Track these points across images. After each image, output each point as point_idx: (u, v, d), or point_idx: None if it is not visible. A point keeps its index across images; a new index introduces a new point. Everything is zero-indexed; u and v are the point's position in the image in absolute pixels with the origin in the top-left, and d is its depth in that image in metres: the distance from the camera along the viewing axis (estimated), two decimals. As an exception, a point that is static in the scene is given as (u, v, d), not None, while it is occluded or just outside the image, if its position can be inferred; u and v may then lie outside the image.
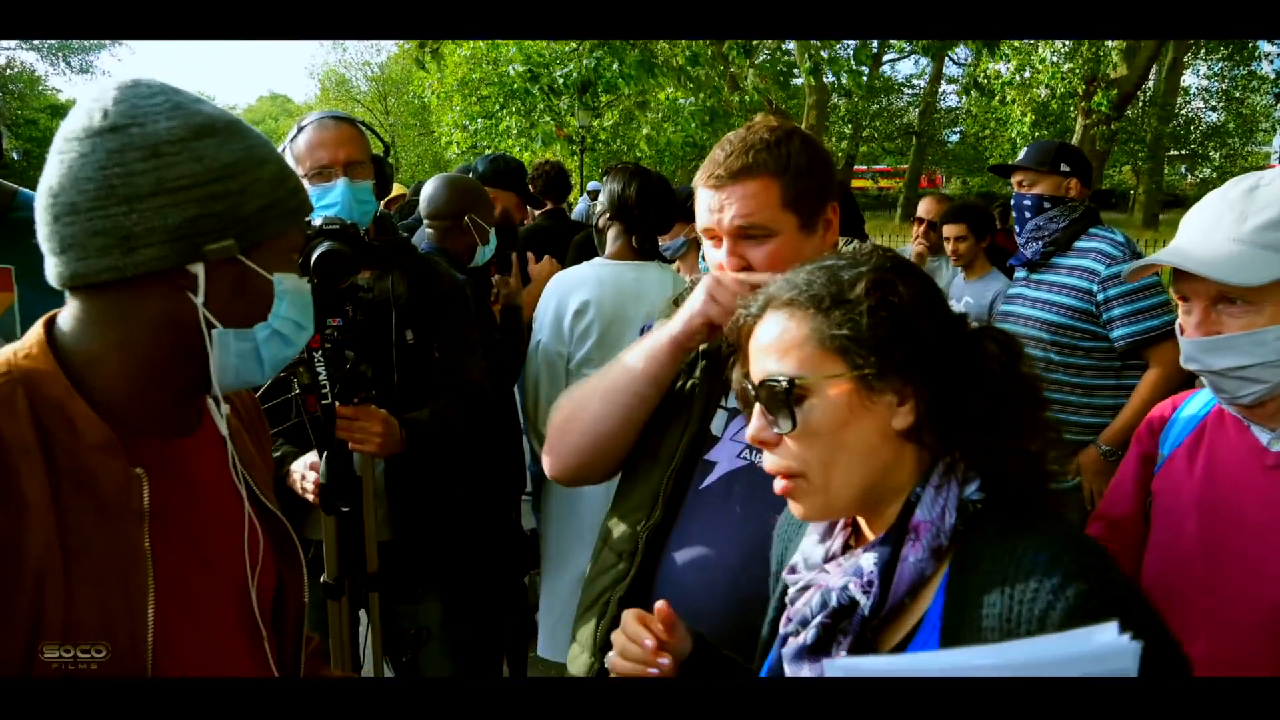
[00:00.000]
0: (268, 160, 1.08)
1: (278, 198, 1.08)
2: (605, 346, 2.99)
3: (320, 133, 2.21)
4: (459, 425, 2.30)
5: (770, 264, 1.50)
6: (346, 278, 1.97)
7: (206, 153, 1.02)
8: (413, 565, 2.33)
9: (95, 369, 1.05)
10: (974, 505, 1.02)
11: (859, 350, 1.02)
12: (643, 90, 13.88)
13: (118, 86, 1.05)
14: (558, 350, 3.06)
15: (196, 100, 1.07)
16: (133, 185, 0.99)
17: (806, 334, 1.05)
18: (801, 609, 1.10)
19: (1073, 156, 3.30)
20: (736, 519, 1.52)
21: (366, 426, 2.03)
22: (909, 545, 1.02)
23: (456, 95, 16.67)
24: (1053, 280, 3.12)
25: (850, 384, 1.03)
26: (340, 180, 2.17)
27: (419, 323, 2.29)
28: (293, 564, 1.31)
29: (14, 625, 0.96)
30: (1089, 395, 3.05)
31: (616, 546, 1.67)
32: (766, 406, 1.06)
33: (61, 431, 1.01)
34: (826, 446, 1.04)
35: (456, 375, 2.34)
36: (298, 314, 1.14)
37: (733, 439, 1.59)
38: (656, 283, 3.04)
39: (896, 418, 1.04)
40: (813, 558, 1.15)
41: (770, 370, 1.06)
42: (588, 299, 2.99)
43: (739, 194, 1.50)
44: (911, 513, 1.03)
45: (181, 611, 1.08)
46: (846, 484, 1.05)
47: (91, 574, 1.00)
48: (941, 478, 1.03)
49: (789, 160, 1.51)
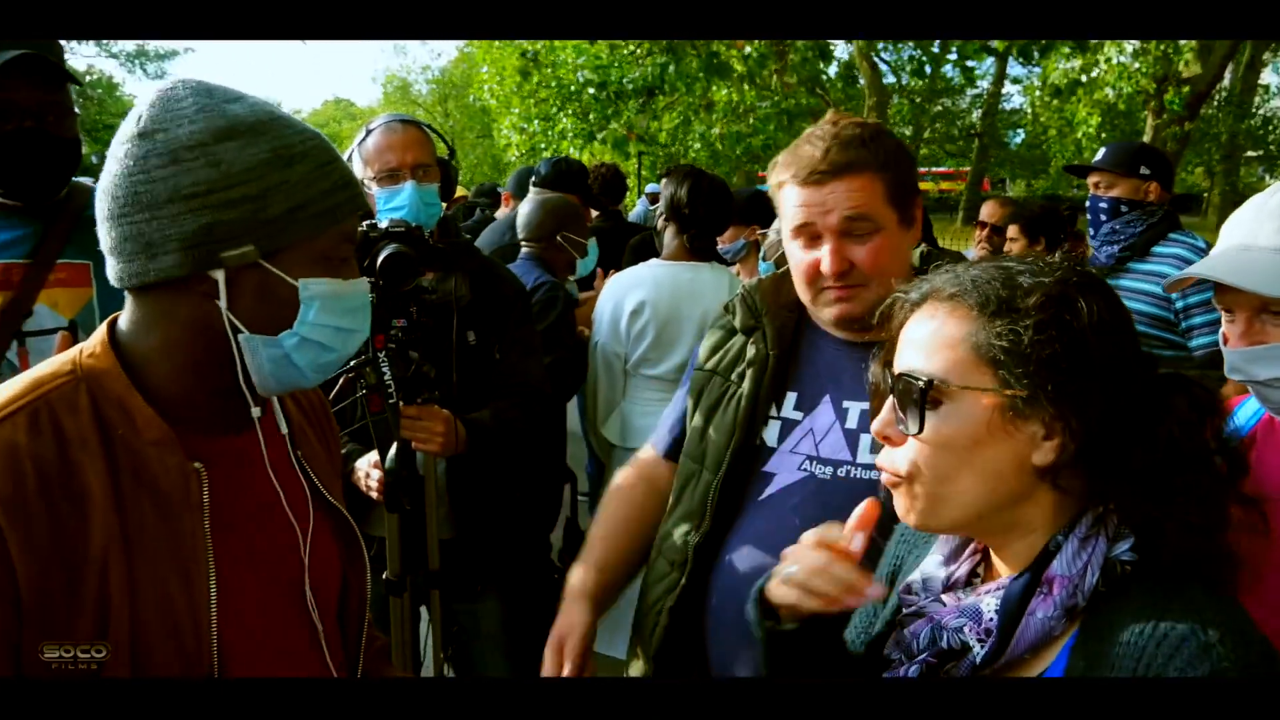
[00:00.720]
0: (297, 160, 1.04)
1: (307, 199, 1.04)
2: (661, 346, 3.03)
3: (388, 136, 2.24)
4: (519, 426, 2.32)
5: (875, 261, 1.46)
6: (411, 279, 1.99)
7: (225, 157, 1.00)
8: (472, 564, 2.35)
9: (150, 367, 1.07)
10: (1124, 566, 0.91)
11: (1015, 368, 0.91)
12: (705, 92, 13.86)
13: (157, 90, 1.05)
14: (615, 351, 3.10)
15: (230, 99, 1.04)
16: (153, 193, 0.99)
17: (962, 336, 0.95)
18: (909, 639, 1.01)
19: (1153, 159, 3.18)
20: (796, 532, 1.51)
21: (429, 426, 2.05)
22: (1040, 599, 0.92)
23: (515, 98, 16.84)
24: (1128, 286, 3.01)
25: (996, 401, 0.92)
26: (408, 183, 2.20)
27: (481, 324, 2.31)
28: (356, 560, 1.32)
29: (82, 617, 0.98)
30: None
31: (669, 555, 1.67)
32: (900, 401, 0.98)
33: (122, 427, 1.03)
34: (951, 461, 0.94)
35: (517, 377, 2.35)
36: (335, 319, 1.09)
37: (792, 451, 1.57)
38: (711, 283, 3.06)
39: (1038, 452, 0.93)
40: (933, 580, 1.06)
41: (913, 365, 0.97)
42: (644, 299, 3.03)
43: (844, 189, 1.45)
44: (1049, 562, 0.93)
45: (243, 606, 1.09)
46: (960, 504, 0.95)
47: (154, 567, 1.02)
48: (1089, 530, 0.93)
49: (885, 155, 1.48)
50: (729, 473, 1.59)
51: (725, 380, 1.67)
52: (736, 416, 1.61)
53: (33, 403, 1.00)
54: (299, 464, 1.24)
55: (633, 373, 3.11)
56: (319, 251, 1.07)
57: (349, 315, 1.11)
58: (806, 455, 1.55)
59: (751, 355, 1.63)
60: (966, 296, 0.96)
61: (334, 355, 1.12)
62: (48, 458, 0.98)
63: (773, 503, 1.56)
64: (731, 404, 1.63)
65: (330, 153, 1.08)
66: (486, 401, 2.27)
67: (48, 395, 1.01)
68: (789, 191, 1.51)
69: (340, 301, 1.09)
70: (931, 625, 0.99)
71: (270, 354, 1.06)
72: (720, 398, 1.66)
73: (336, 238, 1.08)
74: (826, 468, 1.54)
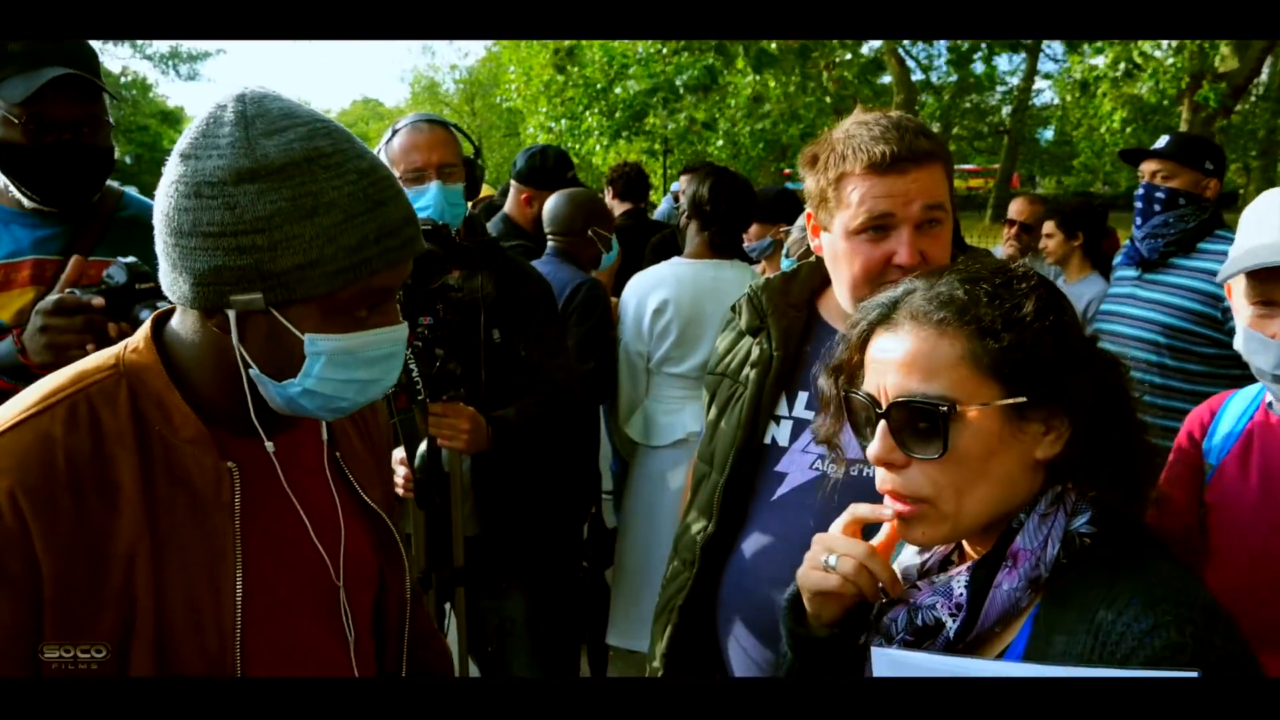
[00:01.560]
0: (320, 212, 0.97)
1: (321, 256, 0.97)
2: (684, 344, 3.04)
3: (414, 136, 2.26)
4: (544, 424, 2.33)
5: (944, 252, 1.44)
6: (438, 277, 2.01)
7: (242, 201, 0.96)
8: (498, 560, 2.37)
9: (190, 369, 1.08)
10: (1082, 539, 0.96)
11: (1018, 375, 0.96)
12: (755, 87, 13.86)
13: (212, 105, 1.02)
14: (638, 350, 3.10)
15: (271, 131, 0.98)
16: (178, 220, 0.98)
17: (960, 355, 0.97)
18: (887, 623, 1.06)
19: (1217, 154, 3.07)
20: (809, 531, 1.51)
21: (455, 424, 2.07)
22: (1005, 573, 0.97)
23: (542, 97, 16.89)
24: (1172, 282, 2.95)
25: (1004, 411, 0.96)
26: (433, 183, 2.22)
27: (506, 322, 2.33)
28: (394, 561, 1.31)
29: (105, 612, 0.98)
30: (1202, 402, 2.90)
31: (682, 555, 1.69)
32: (907, 424, 0.98)
33: (159, 424, 1.04)
34: (968, 475, 0.97)
35: (543, 374, 2.37)
36: (346, 373, 1.04)
37: (804, 450, 1.57)
38: (735, 281, 3.05)
39: (1040, 447, 0.99)
40: (909, 569, 1.11)
41: (912, 390, 0.98)
42: (666, 298, 3.03)
43: (926, 178, 1.41)
44: (1012, 539, 0.98)
45: (269, 608, 1.09)
46: (979, 513, 0.99)
47: (181, 566, 1.02)
48: (1049, 506, 0.98)
49: (943, 147, 1.47)
50: (734, 474, 1.60)
51: (734, 382, 1.67)
52: (741, 417, 1.61)
53: (73, 395, 1.02)
54: (341, 469, 1.23)
55: (656, 371, 3.11)
56: (339, 304, 1.01)
57: (366, 367, 1.06)
58: (819, 454, 1.54)
59: (756, 356, 1.63)
60: (957, 317, 0.99)
61: (346, 403, 1.08)
62: (82, 451, 0.99)
63: (785, 502, 1.56)
64: (738, 405, 1.64)
65: (368, 201, 1.00)
66: (512, 399, 2.28)
67: (88, 389, 1.03)
68: (855, 182, 1.42)
69: (354, 356, 1.04)
70: (907, 608, 1.03)
71: (279, 393, 1.05)
72: (729, 399, 1.67)
73: (360, 292, 1.01)
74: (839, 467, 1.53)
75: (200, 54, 32.42)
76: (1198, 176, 2.97)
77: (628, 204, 4.92)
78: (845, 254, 1.46)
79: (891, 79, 20.68)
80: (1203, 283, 2.88)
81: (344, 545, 1.20)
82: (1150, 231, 3.01)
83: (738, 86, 14.61)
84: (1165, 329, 2.92)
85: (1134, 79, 14.18)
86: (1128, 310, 3.06)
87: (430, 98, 42.91)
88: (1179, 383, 2.91)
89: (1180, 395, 2.90)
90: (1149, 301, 3.00)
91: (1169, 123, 16.48)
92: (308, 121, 1.00)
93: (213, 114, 1.00)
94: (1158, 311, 2.96)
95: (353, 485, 1.24)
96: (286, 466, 1.14)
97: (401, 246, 1.03)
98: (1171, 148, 3.03)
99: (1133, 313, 3.03)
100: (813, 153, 1.51)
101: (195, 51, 32.16)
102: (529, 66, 17.29)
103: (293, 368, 1.03)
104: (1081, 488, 0.98)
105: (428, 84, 44.51)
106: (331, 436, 1.24)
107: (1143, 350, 2.98)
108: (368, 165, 1.02)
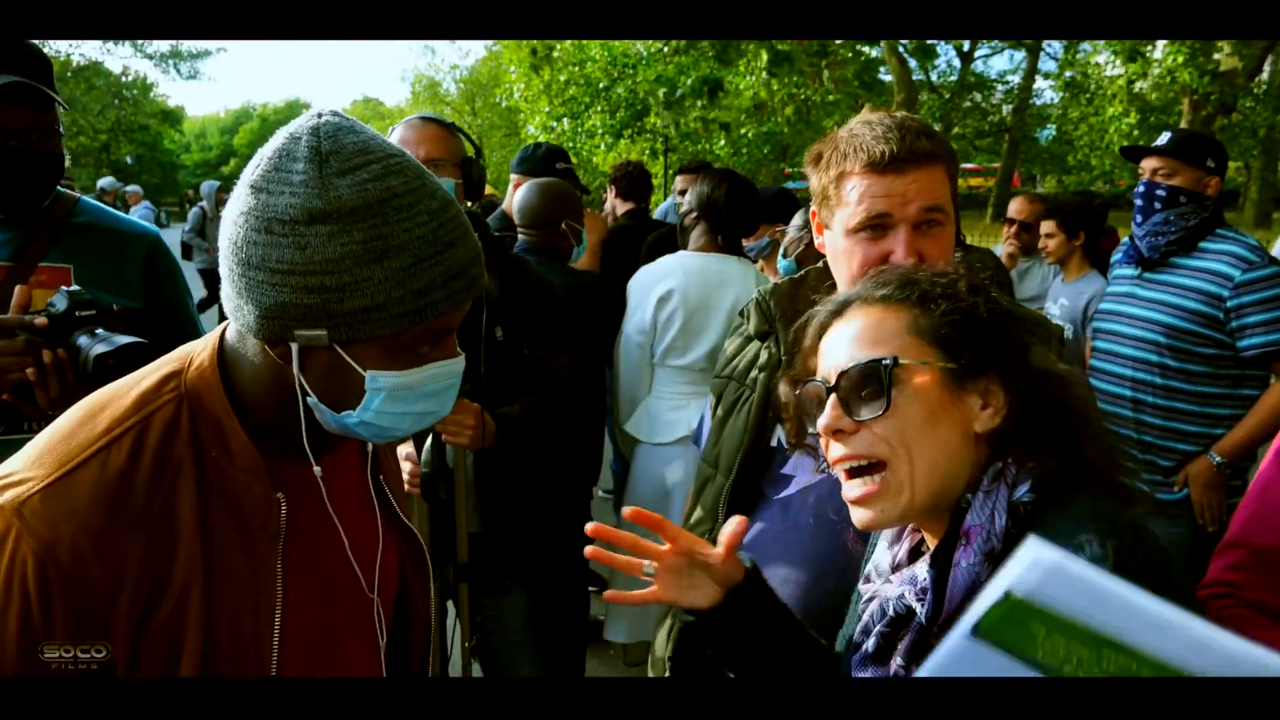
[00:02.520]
0: (391, 255, 0.96)
1: (389, 299, 0.96)
2: (689, 334, 3.05)
3: (404, 132, 2.28)
4: (548, 420, 2.34)
5: (944, 255, 1.42)
6: None
7: (312, 242, 0.94)
8: (500, 557, 2.38)
9: (247, 392, 1.07)
10: (1024, 506, 1.01)
11: (955, 343, 1.04)
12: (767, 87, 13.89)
13: (284, 135, 1.00)
14: (640, 341, 3.10)
15: (345, 170, 0.96)
16: (247, 252, 0.98)
17: (905, 325, 1.06)
18: (866, 619, 1.11)
19: (1219, 152, 3.01)
20: (810, 532, 1.51)
21: (459, 420, 2.07)
22: (961, 550, 1.01)
23: (544, 97, 16.90)
24: (1172, 281, 2.92)
25: (942, 375, 1.04)
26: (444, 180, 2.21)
27: (508, 320, 2.33)
28: (420, 570, 1.32)
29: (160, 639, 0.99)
30: (1205, 404, 2.86)
31: None
32: (854, 389, 1.05)
33: (215, 450, 1.03)
34: (914, 433, 1.03)
35: (546, 372, 2.38)
36: (404, 407, 1.04)
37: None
38: (739, 276, 3.08)
39: (978, 420, 1.05)
40: (881, 566, 1.16)
41: (859, 357, 1.06)
42: (672, 287, 3.04)
43: (925, 179, 1.40)
44: (963, 518, 1.03)
45: (304, 626, 1.10)
46: (928, 483, 1.04)
47: (228, 594, 1.02)
48: (991, 482, 1.03)
49: (947, 148, 1.46)
50: (740, 476, 1.61)
51: (740, 385, 1.68)
52: (748, 421, 1.62)
53: (138, 425, 1.01)
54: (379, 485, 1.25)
55: (659, 363, 3.11)
56: (403, 344, 1.01)
57: (423, 400, 1.06)
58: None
59: (764, 360, 1.63)
60: (901, 294, 1.09)
61: (398, 433, 1.09)
62: (148, 485, 0.99)
63: (789, 504, 1.57)
64: (744, 409, 1.64)
65: (438, 244, 0.99)
66: (514, 397, 2.29)
67: (152, 416, 1.02)
68: (854, 181, 1.42)
69: (414, 390, 1.04)
70: (881, 601, 1.09)
71: (335, 420, 1.05)
72: (735, 402, 1.68)
73: (425, 333, 1.01)
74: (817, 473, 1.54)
75: (201, 53, 32.44)
76: (1199, 174, 2.92)
77: (631, 203, 4.91)
78: (845, 252, 1.47)
79: (892, 78, 20.69)
80: (1204, 282, 2.85)
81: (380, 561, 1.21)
82: (1150, 230, 2.97)
83: (739, 88, 14.62)
84: (1167, 329, 2.90)
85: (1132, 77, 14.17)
86: (1127, 309, 3.03)
87: (431, 97, 42.94)
88: (1180, 383, 2.89)
89: (1181, 396, 2.88)
90: (1149, 301, 2.97)
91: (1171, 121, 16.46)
92: (382, 159, 0.99)
93: (285, 147, 0.98)
94: (1159, 311, 2.93)
95: (390, 503, 1.26)
96: (330, 486, 1.14)
97: (467, 288, 1.03)
98: (1173, 145, 2.98)
99: (1133, 312, 3.01)
100: (818, 150, 1.51)
101: (196, 50, 32.15)
102: (530, 66, 17.30)
103: (351, 401, 1.03)
104: (1021, 460, 1.03)
105: (429, 84, 44.55)
106: (374, 456, 1.25)
107: (1143, 350, 2.96)
108: (438, 205, 1.01)
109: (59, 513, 0.95)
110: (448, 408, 1.11)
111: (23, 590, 0.93)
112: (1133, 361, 3.00)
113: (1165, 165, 2.95)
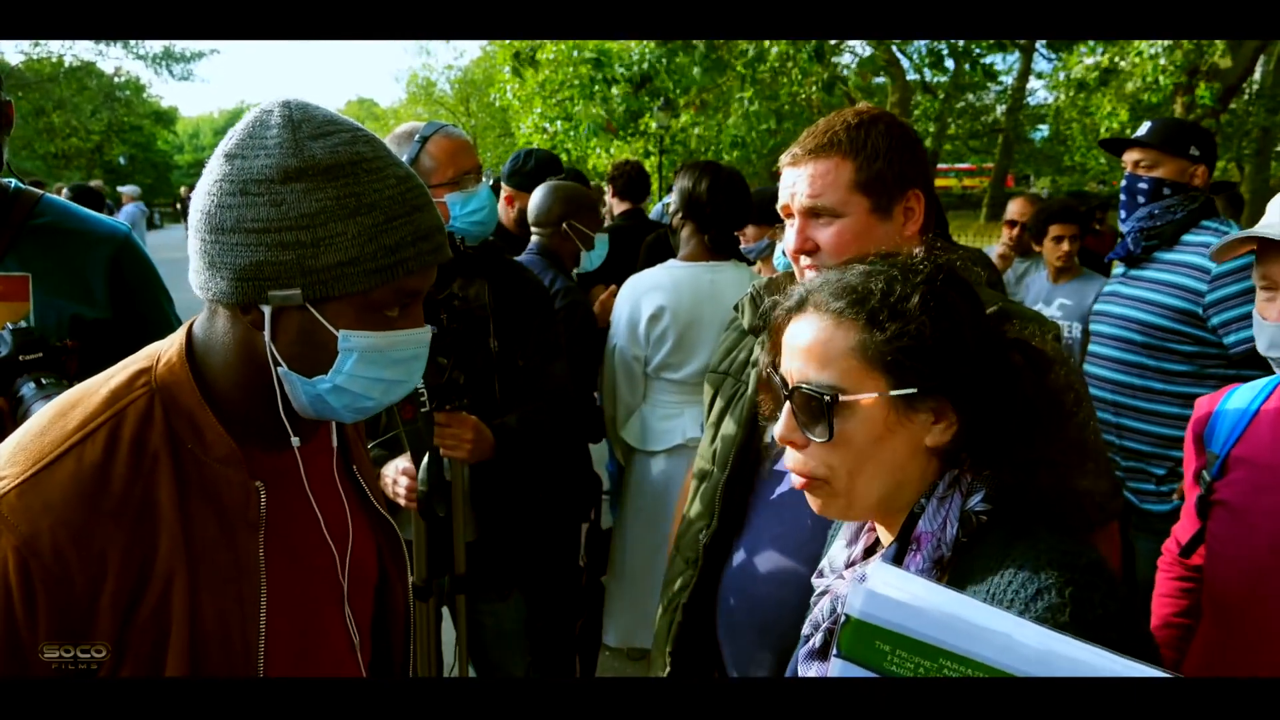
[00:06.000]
0: (362, 212, 1.00)
1: (361, 254, 1.00)
2: (683, 351, 2.98)
3: (457, 140, 2.21)
4: (547, 430, 2.32)
5: (835, 246, 1.48)
6: (444, 286, 1.99)
7: (288, 198, 0.98)
8: (496, 565, 2.36)
9: (218, 380, 1.08)
10: (978, 517, 1.01)
11: (904, 367, 1.02)
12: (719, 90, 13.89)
13: (258, 109, 1.04)
14: (634, 354, 3.05)
15: (317, 135, 1.01)
16: (220, 217, 1.00)
17: (852, 346, 1.04)
18: (816, 614, 1.13)
19: (1204, 139, 2.88)
20: (807, 529, 1.52)
21: (458, 433, 2.06)
22: (911, 555, 1.03)
23: (537, 98, 16.88)
24: (1153, 277, 2.80)
25: (889, 401, 1.03)
26: (484, 186, 2.20)
27: (504, 329, 2.31)
28: (397, 558, 1.33)
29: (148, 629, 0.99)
30: (1187, 406, 2.82)
31: (685, 553, 1.70)
32: (800, 410, 1.06)
33: (190, 442, 1.04)
34: (857, 458, 1.04)
35: (543, 380, 2.35)
36: (375, 371, 1.06)
37: None
38: (734, 283, 2.97)
39: (930, 435, 1.04)
40: (836, 562, 1.17)
41: (809, 377, 1.06)
42: (663, 304, 2.95)
43: (811, 173, 1.49)
44: (915, 524, 1.04)
45: (287, 619, 1.11)
46: (869, 493, 1.05)
47: (212, 583, 1.03)
48: (946, 489, 1.04)
49: (866, 142, 1.49)
50: (735, 472, 1.61)
51: (736, 381, 1.68)
52: (743, 416, 1.63)
53: (113, 419, 1.02)
54: (351, 475, 1.25)
55: (654, 377, 3.07)
56: (372, 302, 1.04)
57: (394, 367, 1.08)
58: None
59: (758, 355, 1.63)
60: (849, 308, 1.05)
61: (371, 403, 1.10)
62: (126, 477, 0.99)
63: (783, 501, 1.57)
64: (739, 404, 1.65)
65: (406, 205, 1.04)
66: (512, 406, 2.27)
67: (125, 410, 1.03)
68: (783, 173, 1.56)
69: (384, 354, 1.06)
70: (832, 599, 1.11)
71: (306, 391, 1.06)
72: (731, 398, 1.68)
73: (393, 292, 1.04)
74: None
75: (194, 54, 32.33)
76: (1183, 164, 2.80)
77: (628, 203, 4.90)
78: None
79: (885, 78, 20.70)
80: (1183, 277, 2.71)
81: (351, 549, 1.22)
82: (1136, 225, 2.85)
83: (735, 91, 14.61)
84: (1143, 327, 2.78)
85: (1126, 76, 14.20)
86: (1111, 309, 2.92)
87: (425, 98, 42.87)
88: (1157, 383, 2.76)
89: (1159, 397, 2.76)
90: (1130, 299, 2.85)
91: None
92: (350, 129, 1.04)
93: (258, 117, 1.03)
94: (1137, 309, 2.81)
95: (363, 491, 1.26)
96: (305, 476, 1.15)
97: (434, 250, 1.07)
98: (1152, 135, 2.86)
99: (1115, 311, 2.90)
100: None
101: (189, 52, 32.07)
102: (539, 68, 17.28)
103: (323, 365, 1.05)
104: (976, 469, 1.04)
105: (423, 84, 44.48)
106: (344, 444, 1.25)
107: (1120, 350, 2.85)
108: (404, 173, 1.06)
109: (36, 507, 0.95)
110: (416, 379, 1.14)
111: (4, 586, 0.93)
112: (1110, 362, 2.89)
113: (1146, 156, 2.85)
